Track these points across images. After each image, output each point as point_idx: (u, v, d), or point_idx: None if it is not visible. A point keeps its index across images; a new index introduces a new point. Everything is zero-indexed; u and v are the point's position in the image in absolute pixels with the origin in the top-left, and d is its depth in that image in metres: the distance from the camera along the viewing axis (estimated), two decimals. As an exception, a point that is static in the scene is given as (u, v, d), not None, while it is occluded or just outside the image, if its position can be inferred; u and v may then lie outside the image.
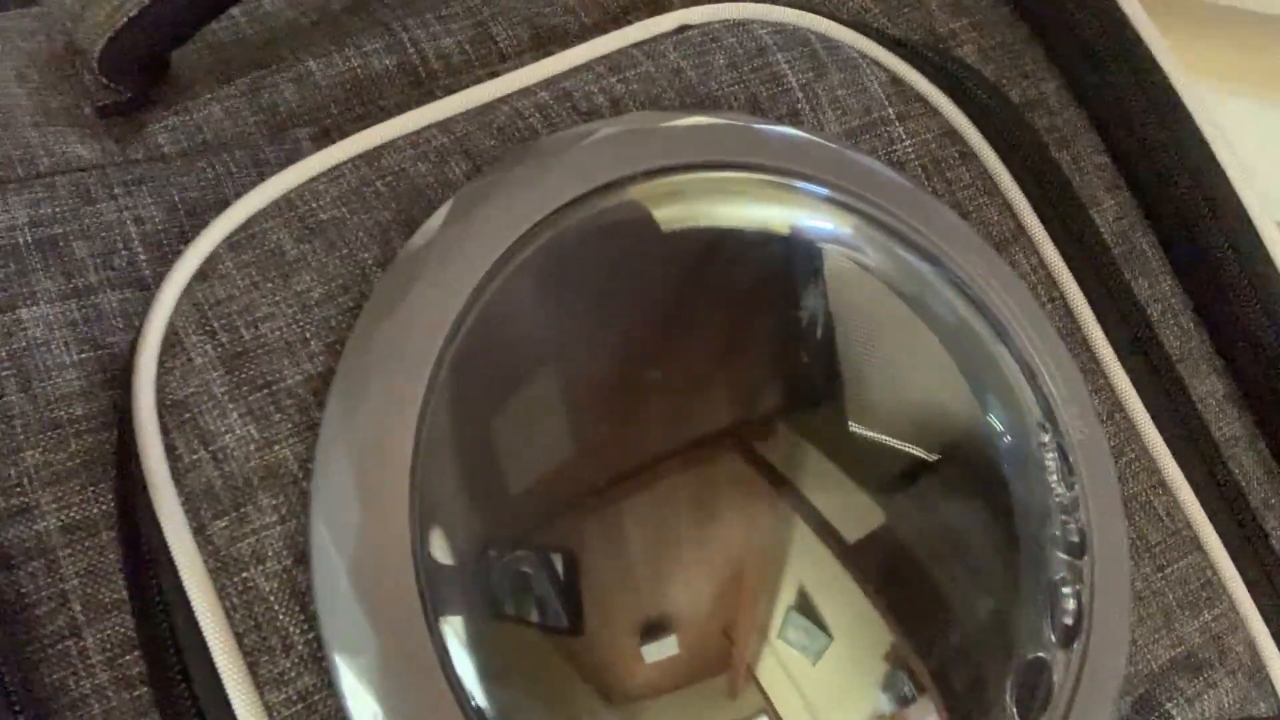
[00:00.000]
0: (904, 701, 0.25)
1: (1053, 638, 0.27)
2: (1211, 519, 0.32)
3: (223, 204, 0.29)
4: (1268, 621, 0.32)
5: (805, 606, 0.25)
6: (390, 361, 0.25)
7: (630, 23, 0.34)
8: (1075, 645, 0.27)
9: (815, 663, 0.25)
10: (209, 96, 0.31)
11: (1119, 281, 0.33)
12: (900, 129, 0.32)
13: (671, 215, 0.27)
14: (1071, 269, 0.32)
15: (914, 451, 0.27)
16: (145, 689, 0.24)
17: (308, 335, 0.26)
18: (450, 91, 0.32)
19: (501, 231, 0.26)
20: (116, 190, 0.28)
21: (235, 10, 0.34)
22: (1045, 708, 0.26)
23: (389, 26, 0.33)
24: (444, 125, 0.29)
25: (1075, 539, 0.28)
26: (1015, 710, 0.26)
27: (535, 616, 0.24)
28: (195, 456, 0.24)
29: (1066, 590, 0.27)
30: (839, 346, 0.28)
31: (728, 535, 0.25)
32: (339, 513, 0.23)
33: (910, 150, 0.32)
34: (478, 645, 0.23)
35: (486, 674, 0.23)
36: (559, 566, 0.24)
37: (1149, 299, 0.34)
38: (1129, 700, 0.30)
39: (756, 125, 0.29)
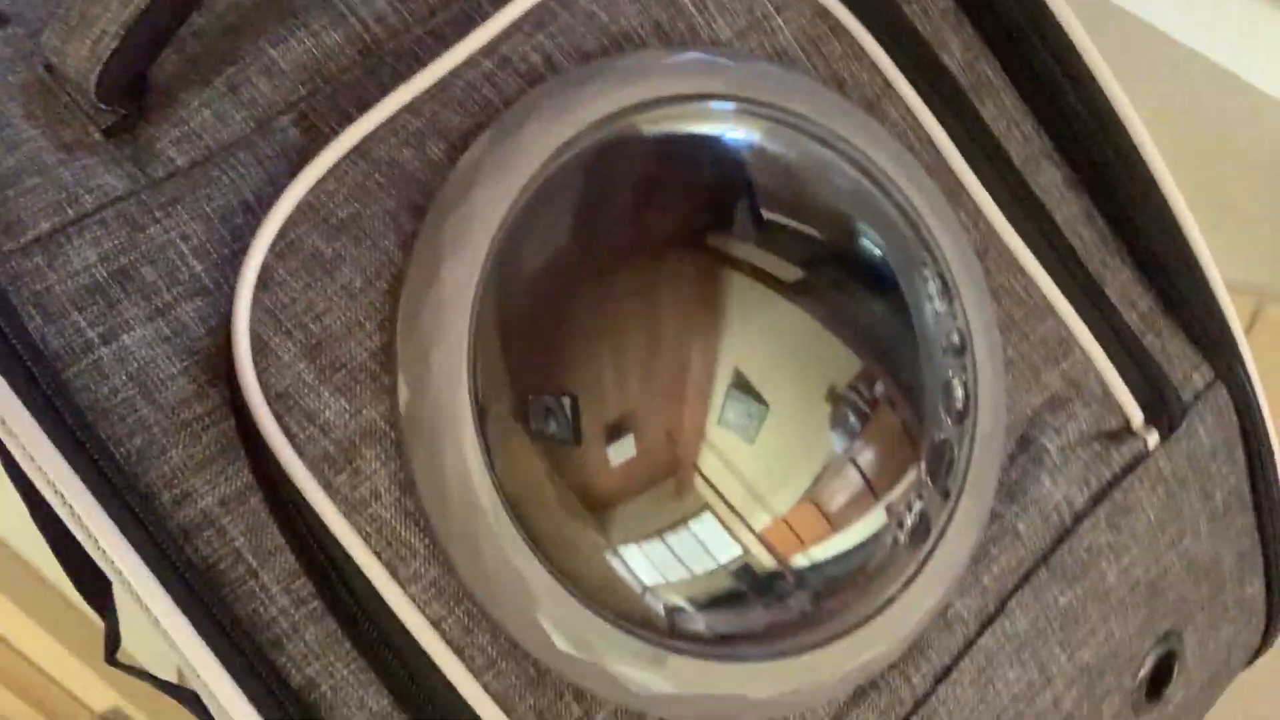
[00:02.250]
0: (853, 432, 0.34)
1: (949, 421, 0.36)
2: (1060, 288, 0.41)
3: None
4: (1111, 359, 0.41)
5: (742, 384, 0.33)
6: (434, 331, 0.32)
7: None
8: (966, 423, 0.36)
9: (757, 434, 0.33)
10: (196, 103, 0.36)
11: (969, 109, 0.40)
12: (779, 20, 0.38)
13: (654, 137, 0.34)
14: (931, 109, 0.40)
15: (828, 273, 0.35)
16: (317, 602, 0.32)
17: (361, 319, 0.33)
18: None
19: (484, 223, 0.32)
20: (158, 214, 0.34)
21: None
22: (949, 473, 0.36)
23: None
24: (413, 108, 0.35)
25: (958, 341, 0.36)
26: (929, 479, 0.35)
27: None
28: (307, 433, 0.32)
29: (955, 382, 0.36)
30: (768, 206, 0.35)
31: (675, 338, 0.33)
32: (420, 448, 0.32)
33: (791, 36, 0.38)
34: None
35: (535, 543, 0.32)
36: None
37: (995, 117, 0.41)
38: (1013, 440, 0.40)
39: (666, 59, 0.36)
